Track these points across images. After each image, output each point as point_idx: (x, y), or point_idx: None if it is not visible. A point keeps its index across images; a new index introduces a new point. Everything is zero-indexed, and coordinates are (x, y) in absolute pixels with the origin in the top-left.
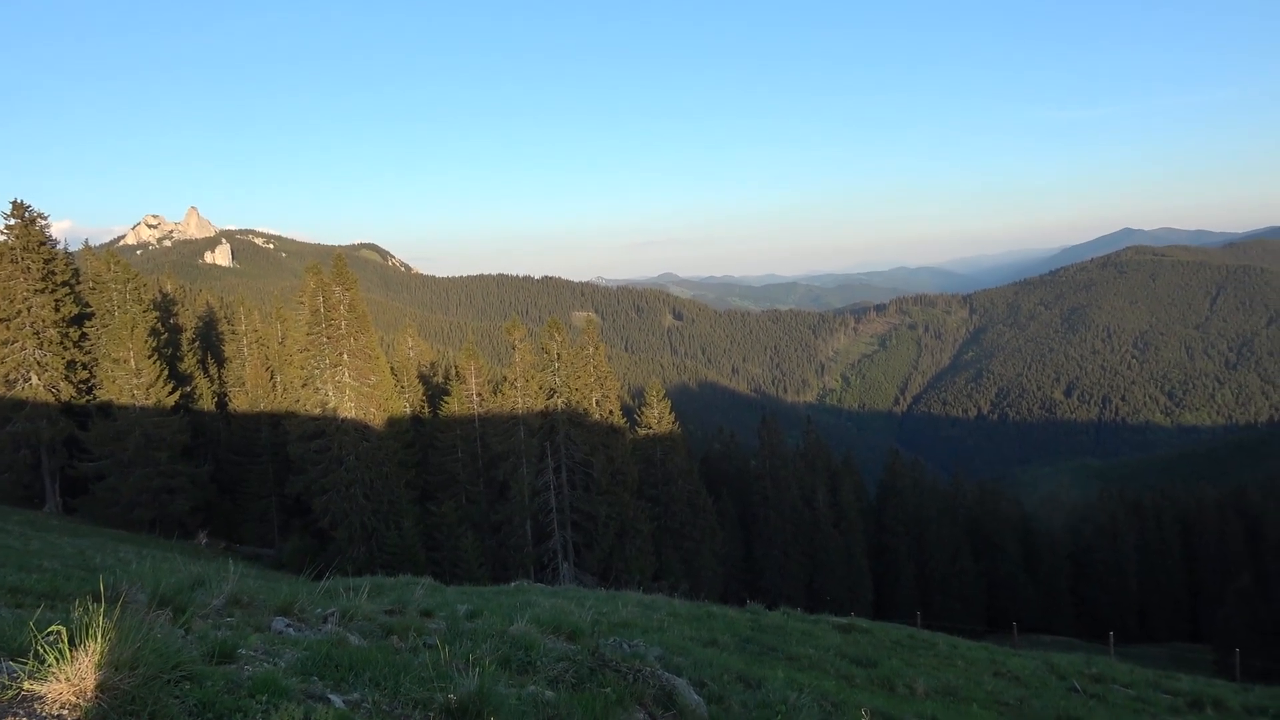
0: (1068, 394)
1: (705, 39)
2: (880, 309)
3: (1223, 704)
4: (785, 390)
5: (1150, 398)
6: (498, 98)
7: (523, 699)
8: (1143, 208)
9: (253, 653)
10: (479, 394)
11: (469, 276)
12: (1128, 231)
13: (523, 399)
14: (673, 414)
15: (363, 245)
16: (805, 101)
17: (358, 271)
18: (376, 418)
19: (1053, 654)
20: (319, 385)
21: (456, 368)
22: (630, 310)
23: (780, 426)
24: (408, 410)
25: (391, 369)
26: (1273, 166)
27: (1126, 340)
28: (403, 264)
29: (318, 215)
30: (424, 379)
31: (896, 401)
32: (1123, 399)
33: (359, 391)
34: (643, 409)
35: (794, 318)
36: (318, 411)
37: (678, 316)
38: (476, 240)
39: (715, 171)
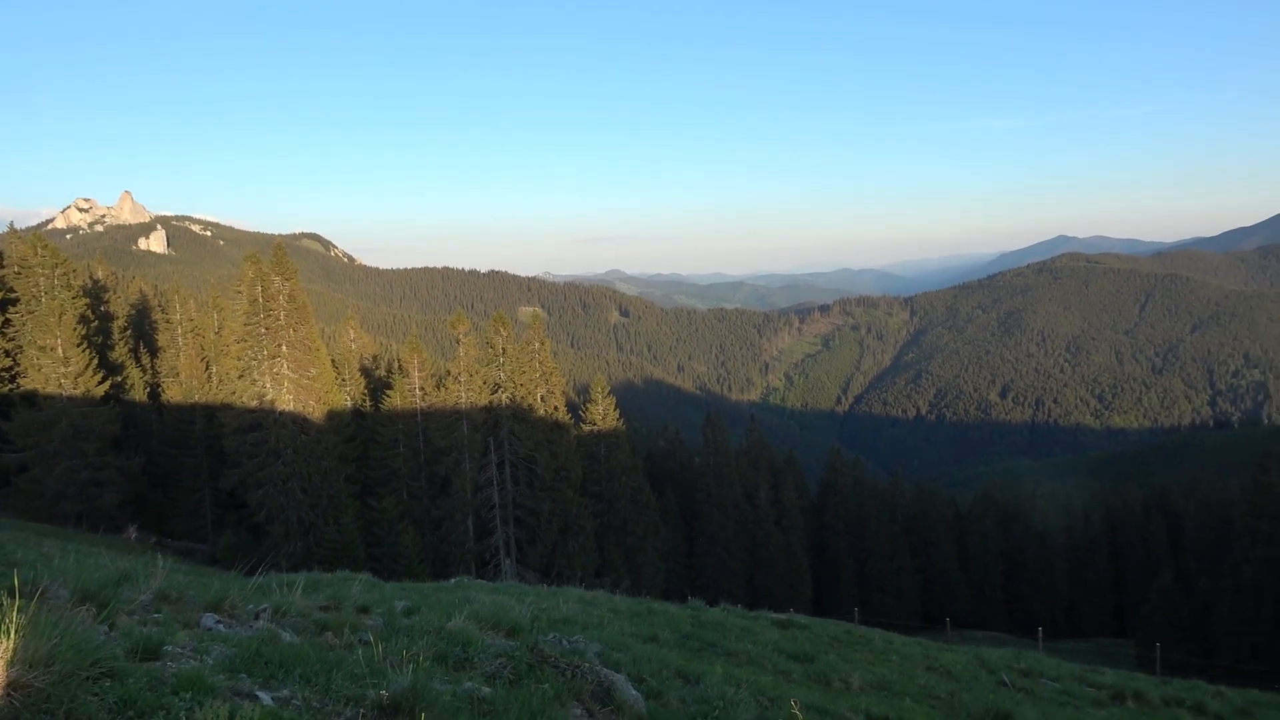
0: (1003, 395)
1: (655, 37)
2: (824, 309)
3: (1143, 696)
4: (730, 388)
5: (1081, 400)
6: (447, 89)
7: (458, 695)
8: (1078, 216)
9: (180, 650)
10: (422, 388)
11: (414, 269)
12: (1063, 239)
13: (466, 394)
14: (617, 411)
15: (304, 235)
16: (755, 106)
17: (299, 261)
18: (316, 410)
19: (984, 649)
20: (256, 377)
21: (400, 361)
22: (577, 306)
23: (724, 424)
24: (349, 403)
25: (333, 361)
26: (1200, 180)
27: (1060, 344)
28: (346, 255)
29: (258, 203)
30: (366, 372)
31: (839, 401)
32: (1055, 401)
33: (298, 384)
34: (588, 405)
35: (740, 317)
36: (255, 403)
37: (624, 313)
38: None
39: (665, 171)
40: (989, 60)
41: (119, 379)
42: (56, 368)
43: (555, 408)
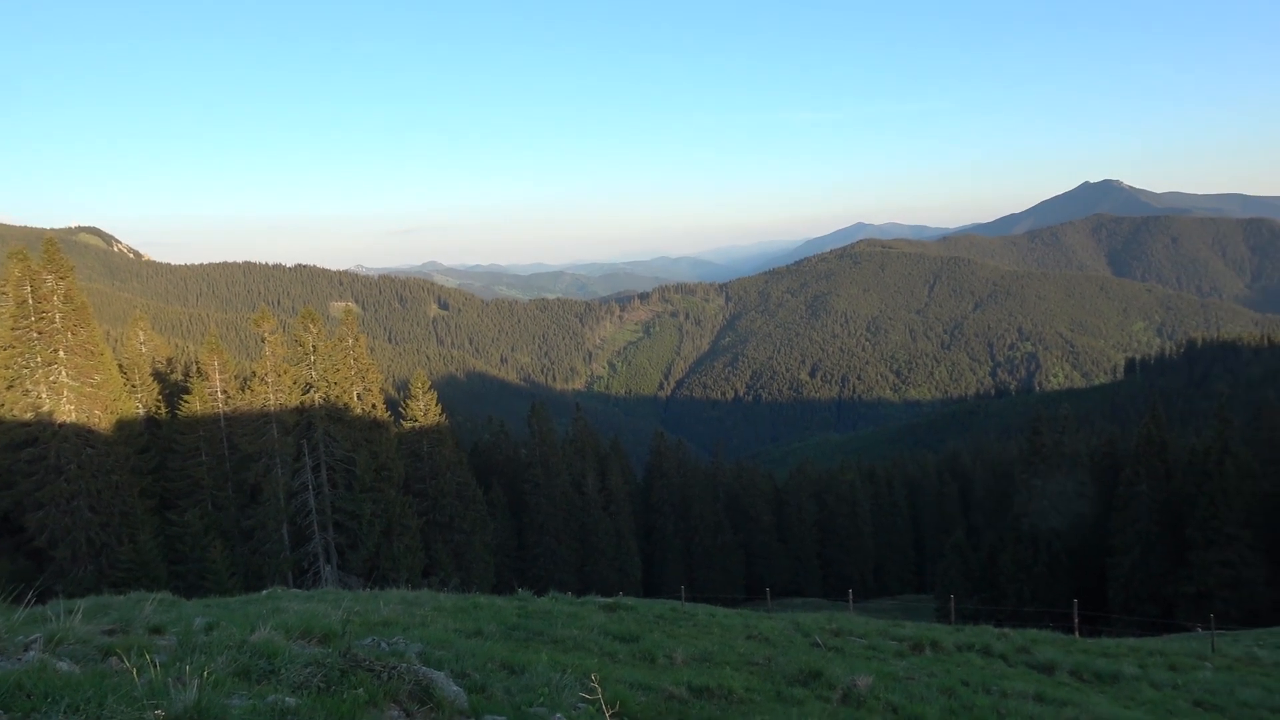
0: (812, 375)
1: (461, 32)
2: (644, 297)
3: (939, 644)
4: (554, 378)
5: (881, 376)
6: (242, 69)
7: (258, 709)
8: (873, 204)
9: None
10: (225, 391)
11: (211, 264)
12: (861, 225)
13: (275, 395)
14: (440, 405)
15: (82, 229)
16: (568, 100)
17: (76, 258)
18: (103, 421)
19: (800, 614)
20: (29, 387)
21: (198, 363)
22: (393, 300)
23: (550, 414)
24: (141, 411)
25: (120, 366)
26: (977, 170)
27: (861, 325)
28: (131, 250)
29: (27, 196)
30: (160, 376)
31: (661, 386)
32: (859, 378)
33: (80, 392)
34: (408, 402)
35: (561, 306)
36: (29, 416)
37: (443, 306)
38: (221, 226)
39: (480, 162)
40: (789, 57)
41: None
42: None
43: (373, 405)
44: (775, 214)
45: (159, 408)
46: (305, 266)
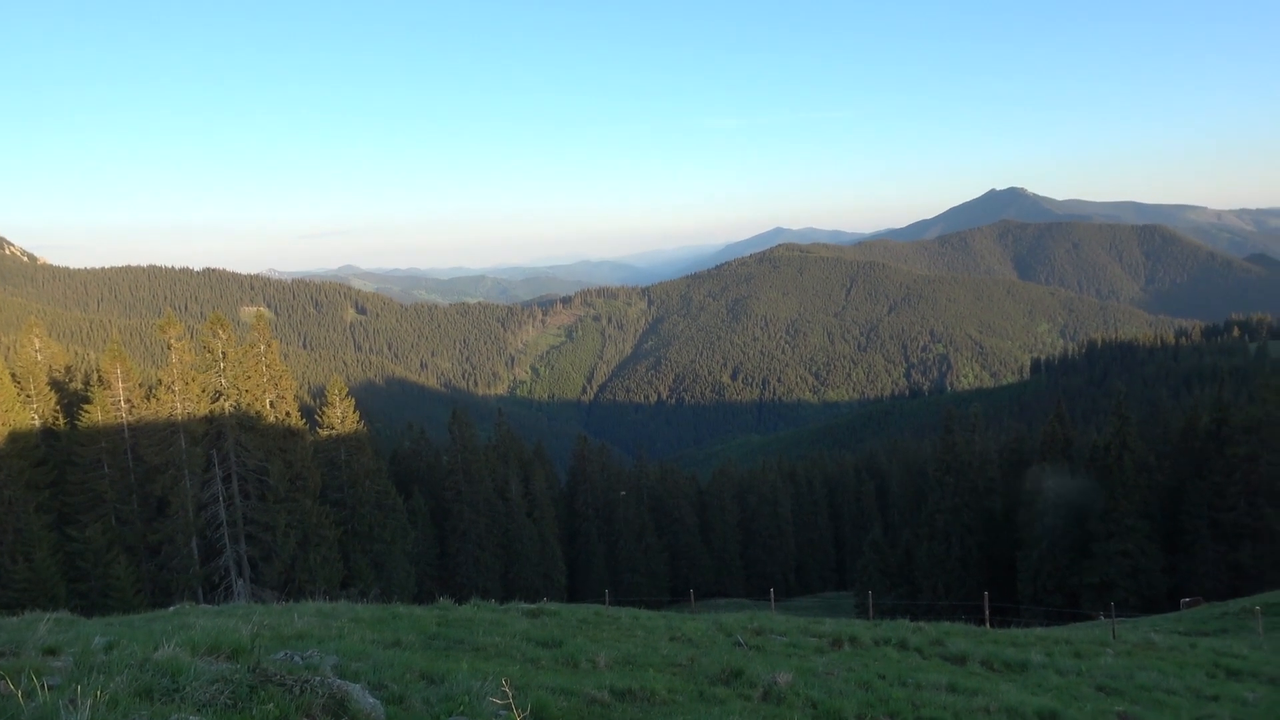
0: (734, 377)
1: (382, 25)
2: (566, 301)
3: (857, 639)
4: (476, 384)
5: (801, 378)
6: (140, 60)
7: None
8: (791, 209)
9: None
10: (129, 400)
11: (114, 268)
12: (780, 230)
13: (183, 404)
14: (357, 412)
15: None
16: (488, 101)
17: None
18: None
19: (723, 615)
20: None
21: (100, 371)
22: (308, 305)
23: (472, 420)
24: (36, 422)
25: (13, 375)
26: (891, 177)
27: (781, 328)
28: (25, 253)
29: None
30: (58, 385)
31: (584, 390)
32: (779, 380)
33: None
34: (324, 409)
35: (483, 311)
36: None
37: (361, 311)
38: (124, 228)
39: (397, 164)
40: (710, 65)
41: None
42: None
43: (287, 413)
44: (696, 218)
45: (57, 418)
46: (215, 270)
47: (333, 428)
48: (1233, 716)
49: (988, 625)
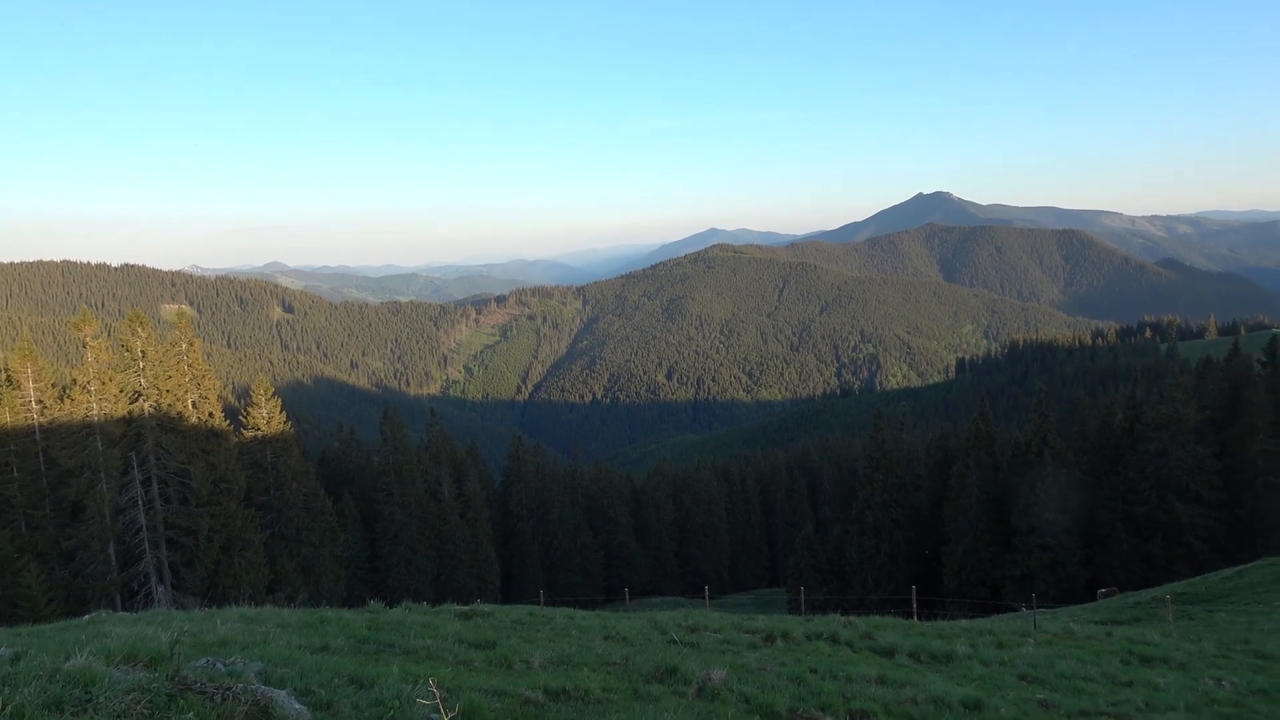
0: (669, 377)
1: (312, 17)
2: (500, 300)
3: (790, 635)
4: (408, 383)
5: (735, 378)
6: (49, 43)
7: None
8: (725, 210)
9: None
10: (40, 401)
11: (24, 263)
12: (714, 231)
13: (99, 404)
14: (284, 413)
15: None
16: (419, 98)
17: None
18: None
19: (658, 613)
20: None
21: (8, 371)
22: (233, 302)
23: (403, 420)
24: None
25: None
26: (822, 179)
27: (715, 328)
28: None
29: None
30: None
31: (519, 390)
32: (713, 380)
33: None
34: (249, 409)
35: (415, 309)
36: None
37: (288, 309)
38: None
39: (327, 159)
40: (640, 65)
41: None
42: None
43: (210, 414)
44: (631, 218)
45: None
46: (133, 266)
47: (258, 429)
48: (1146, 701)
49: (915, 618)
